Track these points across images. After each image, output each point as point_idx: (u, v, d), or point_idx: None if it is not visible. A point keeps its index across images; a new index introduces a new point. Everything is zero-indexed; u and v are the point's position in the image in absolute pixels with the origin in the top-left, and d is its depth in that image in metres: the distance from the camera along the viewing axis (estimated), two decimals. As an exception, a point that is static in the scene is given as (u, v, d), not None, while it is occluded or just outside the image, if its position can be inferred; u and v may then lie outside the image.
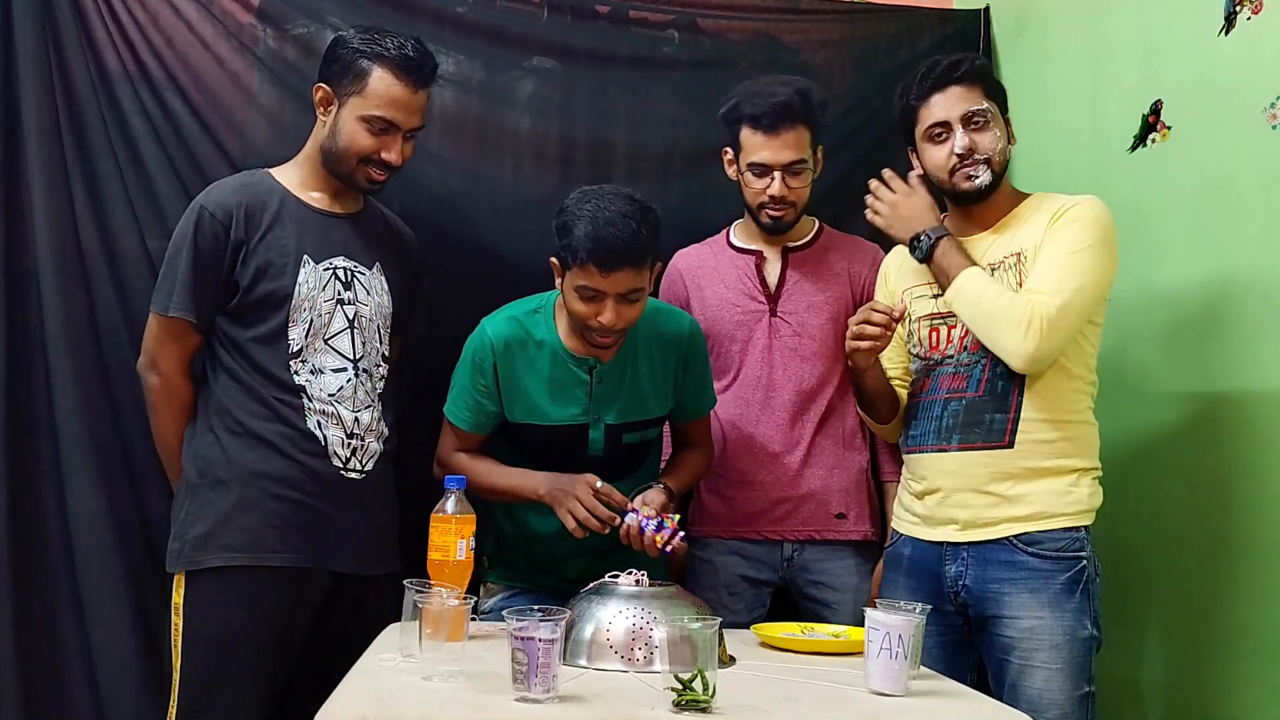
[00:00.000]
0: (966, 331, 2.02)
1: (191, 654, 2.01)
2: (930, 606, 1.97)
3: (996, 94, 2.08)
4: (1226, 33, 2.10)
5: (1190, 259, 2.18)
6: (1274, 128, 1.98)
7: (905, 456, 2.16)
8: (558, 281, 2.09)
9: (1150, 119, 2.29)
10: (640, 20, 2.72)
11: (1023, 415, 1.97)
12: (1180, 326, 2.20)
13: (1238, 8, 2.08)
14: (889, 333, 2.04)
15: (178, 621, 2.03)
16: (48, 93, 2.34)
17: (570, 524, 2.01)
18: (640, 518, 2.00)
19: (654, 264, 2.07)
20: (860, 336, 2.04)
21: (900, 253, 2.23)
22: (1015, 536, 1.96)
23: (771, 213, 2.32)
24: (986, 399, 2.00)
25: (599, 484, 2.02)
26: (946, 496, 2.03)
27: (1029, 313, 1.90)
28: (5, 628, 2.24)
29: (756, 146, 2.29)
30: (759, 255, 2.41)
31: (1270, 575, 1.98)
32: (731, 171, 2.38)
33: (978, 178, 2.03)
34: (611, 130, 2.67)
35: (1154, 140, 2.29)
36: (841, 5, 2.85)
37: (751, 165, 2.31)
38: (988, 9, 2.86)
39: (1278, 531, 1.96)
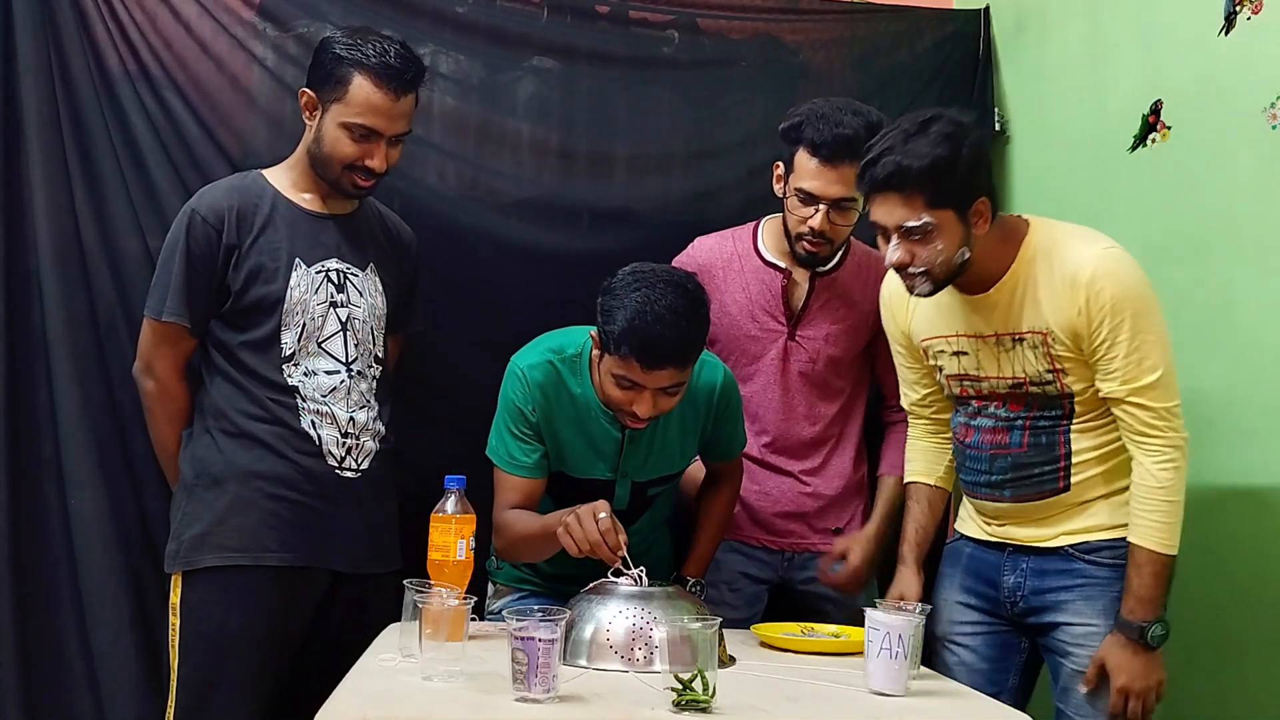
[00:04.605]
0: (1002, 401, 1.96)
1: (189, 654, 2.02)
2: (930, 606, 1.97)
3: (952, 194, 1.80)
4: (1226, 33, 2.10)
5: (1189, 260, 2.18)
6: (1274, 128, 1.98)
7: (964, 493, 2.12)
8: (595, 354, 1.99)
9: (1150, 119, 2.29)
10: (640, 20, 2.71)
11: (1073, 461, 1.92)
12: (1178, 328, 2.19)
13: (1238, 8, 2.08)
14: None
15: (175, 621, 2.03)
16: (48, 93, 2.33)
17: (570, 547, 1.84)
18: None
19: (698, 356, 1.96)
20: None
21: (898, 281, 2.04)
22: (1073, 546, 1.94)
23: (808, 245, 2.23)
24: (1032, 454, 1.94)
25: (602, 514, 1.83)
26: (1005, 525, 2.02)
27: (1183, 462, 1.83)
28: (5, 628, 2.24)
29: (809, 174, 2.17)
30: (786, 274, 2.33)
31: (1269, 575, 1.98)
32: (779, 188, 2.28)
33: (915, 289, 1.88)
34: (611, 130, 2.66)
35: (1154, 140, 2.29)
36: (841, 5, 2.85)
37: (799, 191, 2.19)
38: (988, 9, 2.86)
39: (1276, 531, 1.97)
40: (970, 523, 2.10)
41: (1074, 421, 1.92)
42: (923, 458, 2.17)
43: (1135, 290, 1.83)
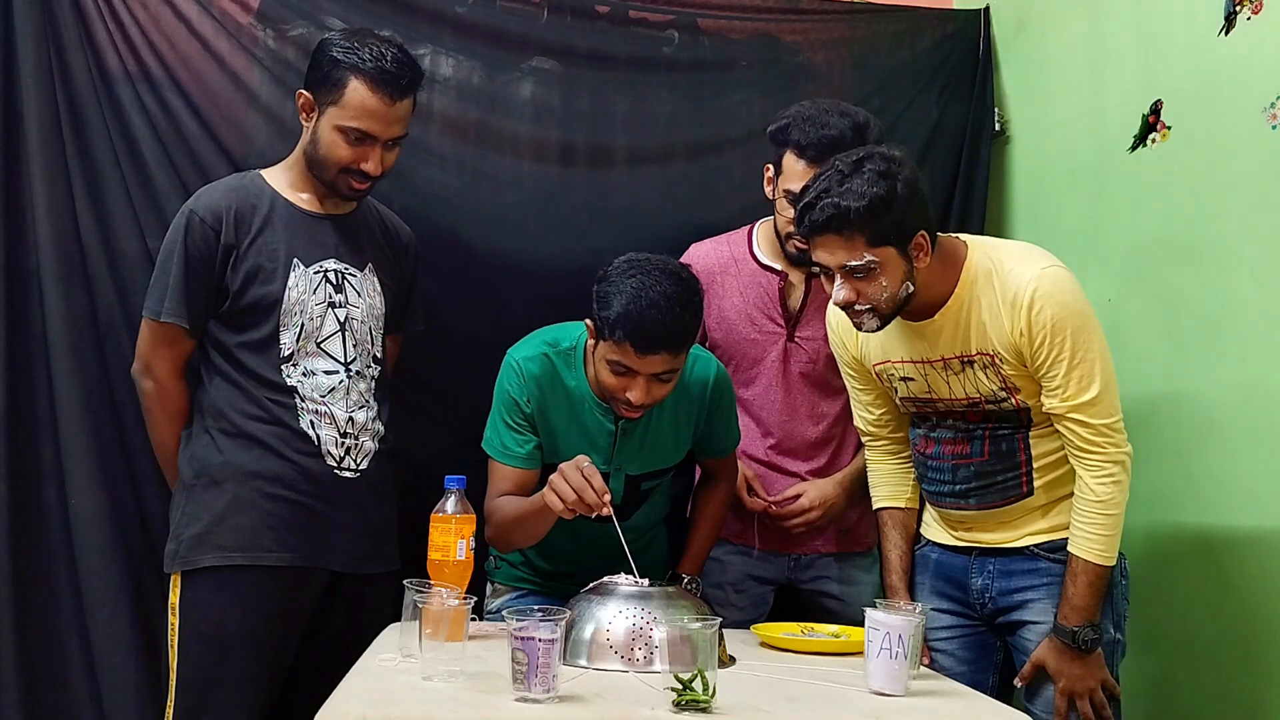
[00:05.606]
0: (960, 413, 1.98)
1: (188, 654, 2.02)
2: (930, 607, 1.97)
3: (891, 231, 1.80)
4: (1226, 33, 2.10)
5: (1189, 260, 2.18)
6: (1274, 128, 1.98)
7: (928, 502, 2.13)
8: (590, 343, 2.03)
9: (1150, 119, 2.29)
10: (640, 20, 2.71)
11: (1034, 465, 1.94)
12: (1178, 328, 2.20)
13: (1238, 8, 2.08)
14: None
15: (174, 621, 2.03)
16: (48, 93, 2.33)
17: (555, 504, 1.84)
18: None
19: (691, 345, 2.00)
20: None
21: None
22: (1037, 545, 1.96)
23: (798, 244, 2.20)
24: (994, 462, 1.96)
25: (586, 463, 1.86)
26: (972, 530, 2.03)
27: (1123, 477, 1.84)
28: (5, 628, 2.24)
29: (797, 175, 2.17)
30: (783, 276, 2.33)
31: (1269, 575, 1.98)
32: (769, 190, 2.30)
33: (863, 326, 1.90)
34: (611, 130, 2.66)
35: (1154, 140, 2.29)
36: (841, 5, 2.85)
37: (788, 192, 2.18)
38: (988, 9, 2.86)
39: (1276, 529, 1.97)
40: (936, 528, 2.11)
41: (1032, 429, 1.94)
42: (887, 482, 2.17)
43: (1074, 309, 1.85)
